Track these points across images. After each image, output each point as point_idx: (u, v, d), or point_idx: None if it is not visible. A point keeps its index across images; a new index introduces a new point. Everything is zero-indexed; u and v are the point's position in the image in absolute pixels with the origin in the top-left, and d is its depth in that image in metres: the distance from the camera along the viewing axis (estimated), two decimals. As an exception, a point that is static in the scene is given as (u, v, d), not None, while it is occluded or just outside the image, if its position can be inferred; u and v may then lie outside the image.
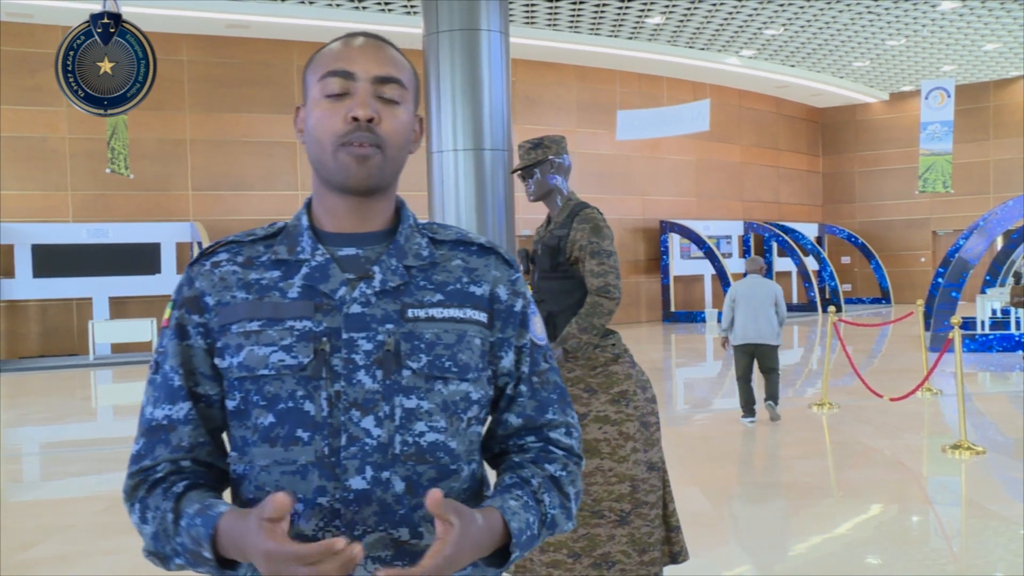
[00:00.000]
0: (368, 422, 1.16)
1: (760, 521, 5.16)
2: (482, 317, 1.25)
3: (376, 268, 1.21)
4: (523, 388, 1.29)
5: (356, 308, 1.18)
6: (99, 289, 14.89)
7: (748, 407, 7.72)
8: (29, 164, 14.83)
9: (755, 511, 5.36)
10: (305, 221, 1.26)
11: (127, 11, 10.23)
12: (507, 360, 1.27)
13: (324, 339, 1.17)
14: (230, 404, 1.21)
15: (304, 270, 1.21)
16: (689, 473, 6.08)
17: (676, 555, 3.39)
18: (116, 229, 14.95)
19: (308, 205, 1.29)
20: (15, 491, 6.38)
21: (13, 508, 5.79)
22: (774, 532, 4.94)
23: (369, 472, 1.15)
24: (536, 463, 1.27)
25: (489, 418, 1.32)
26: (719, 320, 7.90)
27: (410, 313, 1.20)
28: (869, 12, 16.34)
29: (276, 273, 1.22)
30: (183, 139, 15.79)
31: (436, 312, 1.21)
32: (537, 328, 1.32)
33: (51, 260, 14.57)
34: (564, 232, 3.43)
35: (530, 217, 16.92)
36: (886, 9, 16.17)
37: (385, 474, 1.15)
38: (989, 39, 18.64)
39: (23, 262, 14.46)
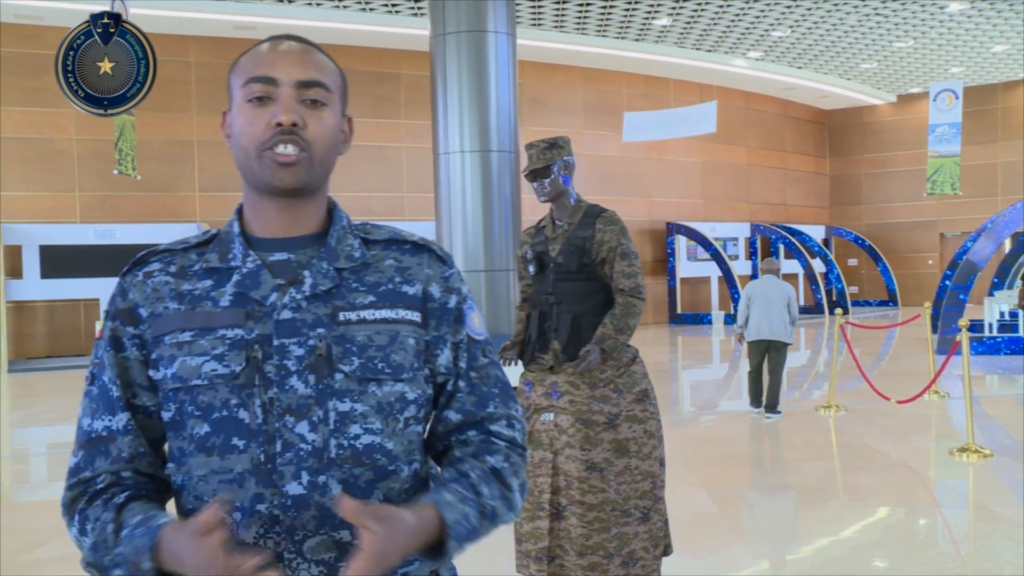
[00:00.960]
0: (302, 427, 1.15)
1: (766, 523, 5.14)
2: (415, 317, 1.24)
3: (307, 272, 1.21)
4: (461, 383, 1.28)
5: (287, 314, 1.18)
6: (106, 290, 14.88)
7: (756, 398, 8.17)
8: (36, 165, 14.88)
9: (761, 513, 5.34)
10: (236, 228, 1.26)
11: (134, 12, 10.25)
12: (443, 357, 1.26)
13: (256, 346, 1.17)
14: (165, 415, 1.21)
15: (235, 277, 1.21)
16: (695, 474, 6.07)
17: (667, 548, 3.46)
18: (123, 230, 14.98)
19: (239, 211, 1.28)
20: (21, 492, 6.40)
21: (19, 508, 5.81)
22: (780, 534, 4.93)
23: (305, 477, 1.14)
24: (476, 456, 1.26)
25: (431, 417, 1.31)
26: (726, 322, 8.14)
27: (341, 316, 1.19)
28: (877, 14, 16.30)
29: (208, 282, 1.22)
30: (190, 140, 15.82)
31: (368, 314, 1.20)
32: (474, 323, 1.30)
33: (58, 261, 14.60)
34: (588, 233, 3.42)
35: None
36: (894, 11, 16.14)
37: (322, 478, 1.15)
38: (997, 40, 18.59)
39: (31, 263, 14.51)
